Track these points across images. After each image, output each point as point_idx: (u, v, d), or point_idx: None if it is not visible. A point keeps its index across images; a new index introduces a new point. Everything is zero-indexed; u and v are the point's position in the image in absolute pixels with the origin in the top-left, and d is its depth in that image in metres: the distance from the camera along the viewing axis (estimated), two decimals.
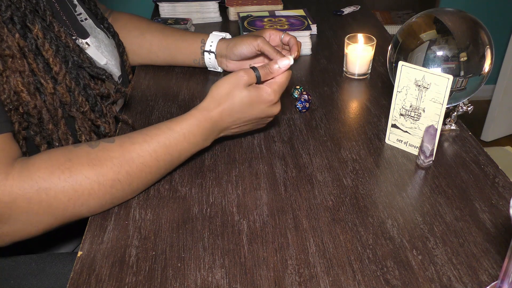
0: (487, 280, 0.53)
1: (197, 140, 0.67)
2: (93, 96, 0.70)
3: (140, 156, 0.62)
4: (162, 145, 0.64)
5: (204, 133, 0.67)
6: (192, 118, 0.66)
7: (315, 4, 1.40)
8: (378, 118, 0.84)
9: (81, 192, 0.58)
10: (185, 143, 0.66)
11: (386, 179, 0.69)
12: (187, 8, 1.27)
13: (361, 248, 0.57)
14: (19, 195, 0.55)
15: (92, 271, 0.55)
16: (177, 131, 0.65)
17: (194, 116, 0.66)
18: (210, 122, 0.67)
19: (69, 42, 0.69)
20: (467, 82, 0.72)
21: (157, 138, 0.64)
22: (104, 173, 0.59)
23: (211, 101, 0.67)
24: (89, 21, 0.82)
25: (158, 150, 0.64)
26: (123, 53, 0.91)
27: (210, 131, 0.68)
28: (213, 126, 0.68)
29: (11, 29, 0.60)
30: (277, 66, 0.69)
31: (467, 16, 0.73)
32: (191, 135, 0.66)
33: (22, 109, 0.62)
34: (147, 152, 0.63)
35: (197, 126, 0.66)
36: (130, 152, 0.62)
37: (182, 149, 0.66)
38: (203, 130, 0.67)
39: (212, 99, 0.67)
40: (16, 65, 0.60)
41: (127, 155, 0.62)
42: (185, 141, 0.66)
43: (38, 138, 0.65)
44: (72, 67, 0.68)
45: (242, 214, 0.63)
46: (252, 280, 0.54)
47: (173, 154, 0.65)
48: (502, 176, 0.69)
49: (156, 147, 0.63)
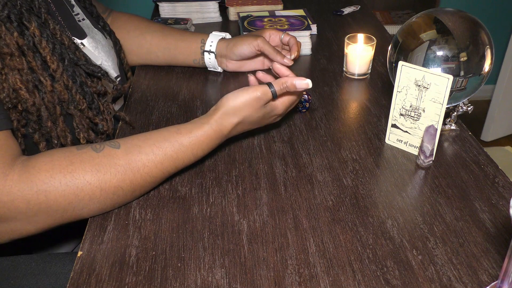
0: (487, 280, 0.53)
1: (204, 153, 0.68)
2: (90, 93, 0.70)
3: (146, 167, 0.62)
4: (169, 157, 0.64)
5: (211, 146, 0.68)
6: (203, 134, 0.66)
7: (315, 4, 1.40)
8: (378, 118, 0.84)
9: (81, 197, 0.58)
10: (192, 157, 0.66)
11: (386, 179, 0.69)
12: (187, 8, 1.27)
13: (361, 248, 0.57)
14: (18, 196, 0.55)
15: (92, 271, 0.55)
16: (185, 145, 0.65)
17: (206, 132, 0.66)
18: (221, 137, 0.68)
19: (64, 39, 0.69)
20: (467, 82, 0.72)
21: (165, 150, 0.63)
22: (107, 180, 0.59)
23: (225, 118, 0.67)
24: (86, 21, 0.81)
25: (164, 162, 0.63)
26: (119, 51, 0.90)
27: (218, 142, 0.68)
28: (222, 138, 0.69)
29: (9, 27, 0.60)
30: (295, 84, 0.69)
31: (467, 16, 0.73)
32: (199, 150, 0.66)
33: (21, 107, 0.62)
34: (153, 164, 0.62)
35: (207, 143, 0.66)
36: (136, 161, 0.61)
37: (187, 161, 0.66)
38: (211, 143, 0.67)
39: (227, 116, 0.67)
40: (14, 63, 0.60)
41: (133, 164, 0.61)
42: (193, 155, 0.66)
43: (37, 135, 0.65)
44: (68, 64, 0.67)
45: (242, 214, 0.63)
46: (252, 280, 0.54)
47: (178, 165, 0.65)
48: (502, 176, 0.69)
49: (163, 159, 0.63)
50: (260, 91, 0.67)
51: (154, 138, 0.64)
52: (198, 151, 0.66)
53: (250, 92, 0.67)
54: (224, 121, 0.67)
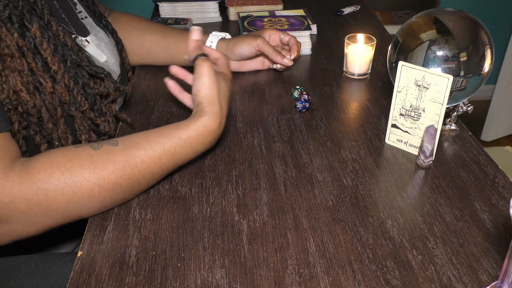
0: (487, 280, 0.53)
1: (204, 147, 0.67)
2: (92, 95, 0.70)
3: (144, 162, 0.62)
4: (167, 152, 0.63)
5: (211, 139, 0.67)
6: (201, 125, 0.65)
7: (315, 4, 1.40)
8: (378, 118, 0.84)
9: (80, 195, 0.58)
10: (191, 152, 0.66)
11: (386, 179, 0.69)
12: (187, 8, 1.27)
13: (361, 248, 0.57)
14: (18, 196, 0.55)
15: (92, 271, 0.55)
16: (184, 139, 0.64)
17: (204, 124, 0.65)
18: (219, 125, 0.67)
19: (67, 40, 0.69)
20: (467, 82, 0.72)
21: (163, 145, 0.63)
22: (105, 177, 0.59)
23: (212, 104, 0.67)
24: (89, 19, 0.82)
25: (163, 157, 0.63)
26: (121, 50, 0.91)
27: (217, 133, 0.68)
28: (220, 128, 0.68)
29: (9, 28, 0.60)
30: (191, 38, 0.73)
31: (467, 16, 0.73)
32: (198, 144, 0.66)
33: (21, 109, 0.62)
34: (151, 159, 0.62)
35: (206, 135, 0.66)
36: (134, 157, 0.61)
37: (186, 157, 0.66)
38: (210, 135, 0.67)
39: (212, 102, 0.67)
40: (15, 64, 0.60)
41: (131, 160, 0.61)
42: (192, 150, 0.66)
43: (38, 137, 0.65)
44: (70, 66, 0.67)
45: (242, 214, 0.63)
46: (252, 280, 0.54)
47: (176, 161, 0.65)
48: (502, 176, 0.69)
49: (161, 154, 0.63)
50: (203, 64, 0.68)
51: (152, 135, 0.64)
52: (198, 145, 0.66)
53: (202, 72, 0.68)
54: (213, 107, 0.67)
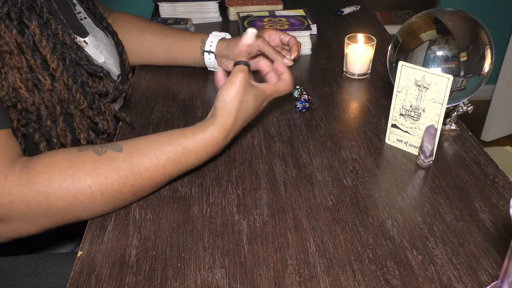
0: (487, 280, 0.53)
1: (208, 156, 0.67)
2: (91, 93, 0.70)
3: (148, 171, 0.61)
4: (172, 162, 0.63)
5: (217, 148, 0.67)
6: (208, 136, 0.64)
7: (315, 4, 1.40)
8: (378, 118, 0.84)
9: (82, 201, 0.58)
10: (195, 161, 0.65)
11: (386, 179, 0.69)
12: (187, 8, 1.27)
13: (361, 248, 0.57)
14: (17, 197, 0.55)
15: (92, 271, 0.55)
16: (189, 149, 0.64)
17: (211, 135, 0.64)
18: (226, 137, 0.66)
19: (66, 39, 0.68)
20: (467, 82, 0.72)
21: (168, 154, 0.62)
22: (108, 184, 0.58)
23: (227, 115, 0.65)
24: (88, 20, 0.82)
25: (167, 166, 0.63)
26: (122, 52, 0.91)
27: (223, 144, 0.67)
28: (227, 139, 0.67)
29: (8, 25, 0.59)
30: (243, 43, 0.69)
31: (467, 16, 0.73)
32: (203, 153, 0.65)
33: (20, 106, 0.62)
34: (155, 168, 0.62)
35: (212, 145, 0.65)
36: (138, 166, 0.60)
37: (191, 165, 0.66)
38: (217, 145, 0.66)
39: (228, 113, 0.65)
40: (14, 61, 0.60)
41: (135, 168, 0.60)
42: (196, 159, 0.65)
43: (37, 135, 0.65)
44: (69, 64, 0.67)
45: (242, 214, 0.63)
46: (252, 280, 0.54)
47: (181, 170, 0.65)
48: (502, 176, 0.69)
49: (165, 163, 0.62)
50: (238, 73, 0.66)
51: (157, 141, 0.63)
52: (202, 155, 0.65)
53: (235, 80, 0.66)
54: (228, 119, 0.65)
